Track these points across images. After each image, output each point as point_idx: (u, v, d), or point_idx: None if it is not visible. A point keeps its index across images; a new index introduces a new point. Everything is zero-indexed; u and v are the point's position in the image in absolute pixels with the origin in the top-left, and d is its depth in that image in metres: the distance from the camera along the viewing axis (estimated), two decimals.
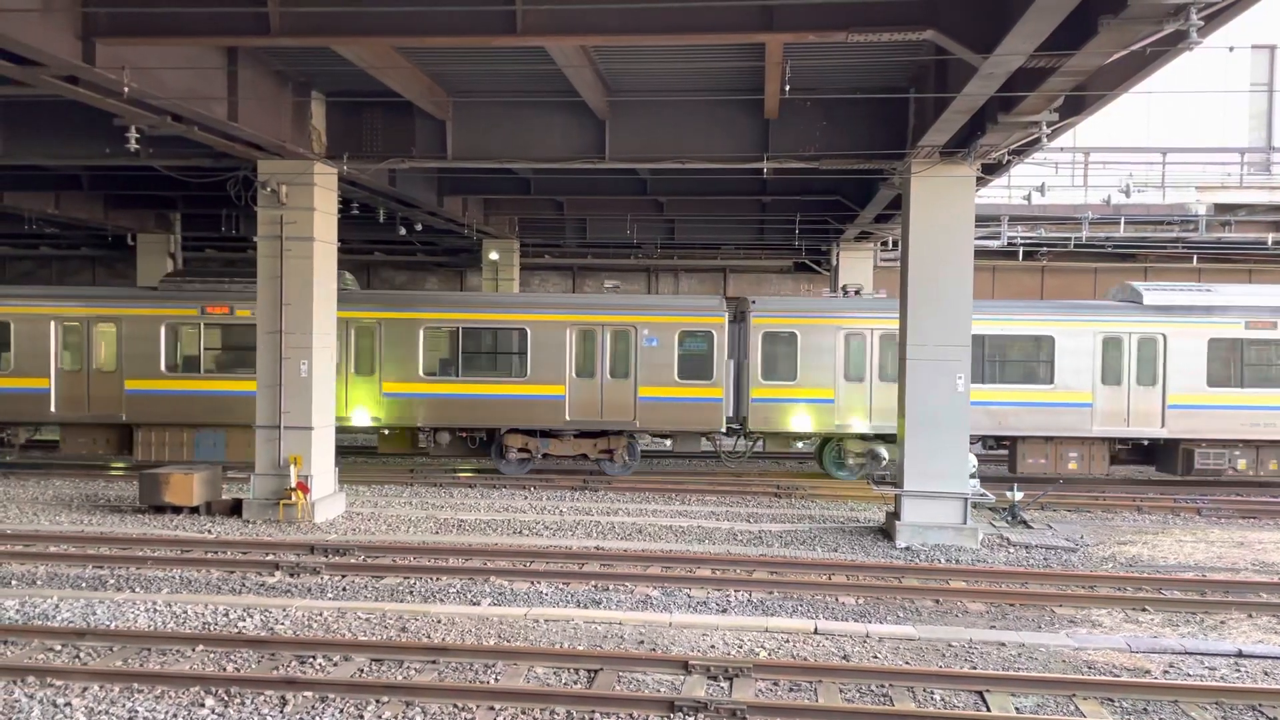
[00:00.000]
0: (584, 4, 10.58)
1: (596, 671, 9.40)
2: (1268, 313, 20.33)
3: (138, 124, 13.90)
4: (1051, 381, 20.19)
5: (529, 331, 20.75)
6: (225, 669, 9.43)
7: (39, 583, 12.65)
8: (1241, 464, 20.27)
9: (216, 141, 14.72)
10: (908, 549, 14.94)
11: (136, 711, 8.45)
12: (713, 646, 10.30)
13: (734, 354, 21.07)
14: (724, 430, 21.01)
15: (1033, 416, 20.19)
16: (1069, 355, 20.18)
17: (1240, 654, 10.27)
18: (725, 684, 9.17)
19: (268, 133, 14.53)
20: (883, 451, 20.60)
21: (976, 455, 18.42)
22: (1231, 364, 20.23)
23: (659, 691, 9.02)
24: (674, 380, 20.65)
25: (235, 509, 16.77)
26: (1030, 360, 20.40)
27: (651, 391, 20.50)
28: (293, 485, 16.25)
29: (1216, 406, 20.10)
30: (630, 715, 8.47)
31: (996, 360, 20.48)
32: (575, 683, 9.24)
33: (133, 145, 14.38)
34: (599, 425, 20.74)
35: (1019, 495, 17.22)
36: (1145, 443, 20.69)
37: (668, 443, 23.20)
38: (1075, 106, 12.56)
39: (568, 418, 20.60)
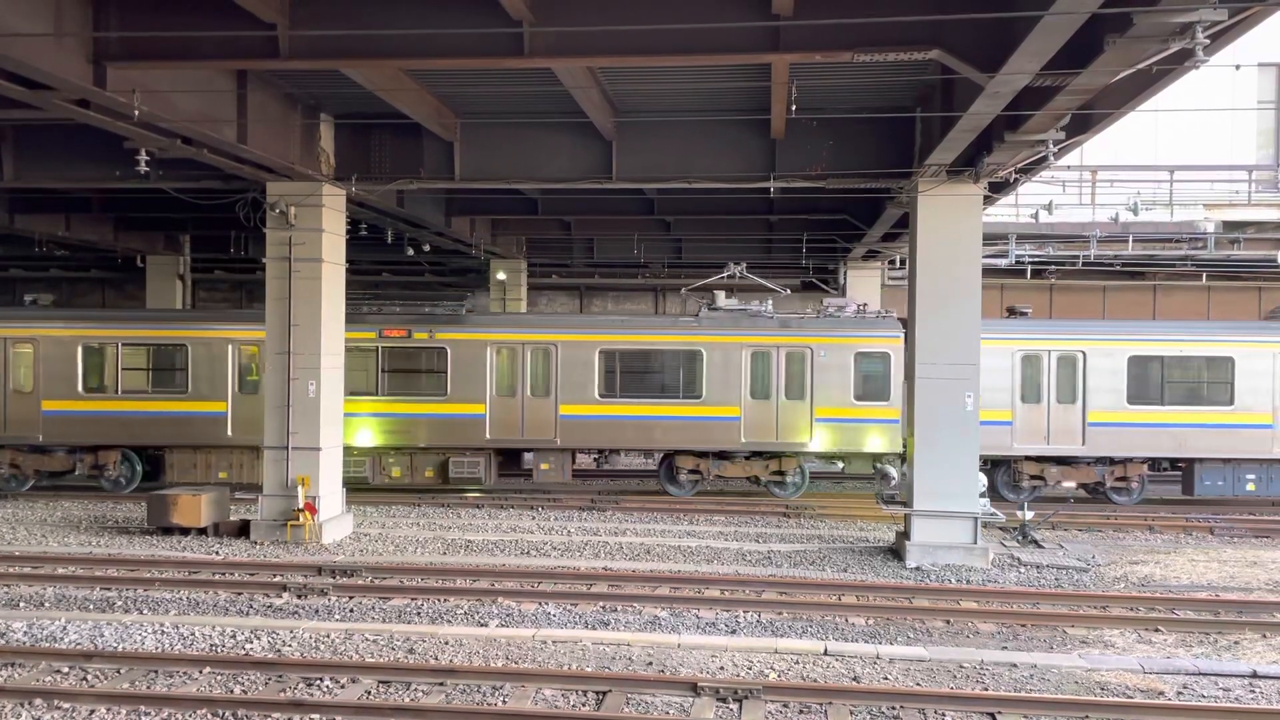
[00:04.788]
0: (591, 25, 10.63)
1: (605, 693, 9.34)
2: (400, 321, 20.89)
3: (148, 147, 14.01)
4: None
5: None
6: (233, 691, 9.39)
7: (47, 604, 12.64)
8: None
9: (226, 164, 14.80)
10: (918, 569, 14.85)
11: None
12: (722, 668, 10.23)
13: None
14: None
15: None
16: None
17: (1255, 675, 10.16)
18: (735, 706, 9.11)
19: (277, 155, 14.61)
20: (891, 470, 20.52)
21: None
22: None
23: (668, 714, 8.97)
24: None
25: (243, 530, 16.77)
26: None
27: None
28: (300, 506, 16.24)
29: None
30: None
31: None
32: (583, 705, 9.18)
33: (143, 168, 14.50)
34: None
35: (1030, 514, 17.13)
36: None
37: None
38: (1082, 125, 12.56)
39: None
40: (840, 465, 22.04)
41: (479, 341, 20.87)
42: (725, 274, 23.17)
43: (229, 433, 20.77)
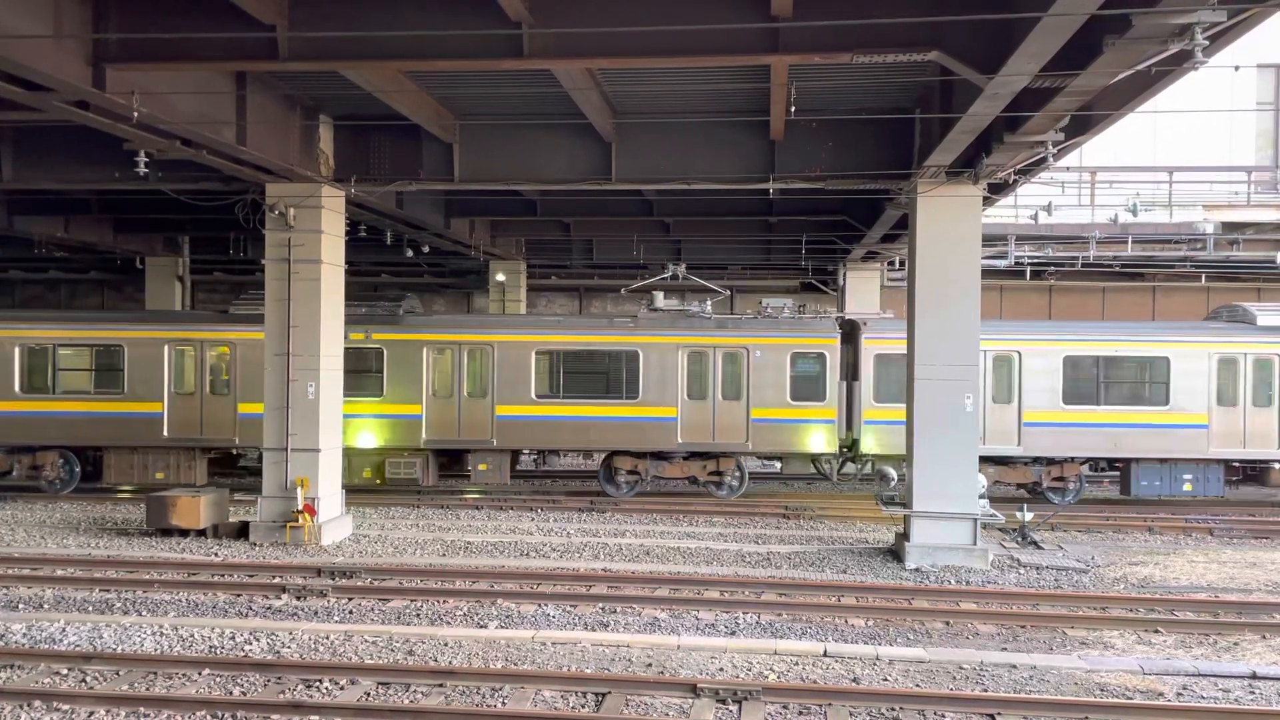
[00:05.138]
0: (590, 27, 10.64)
1: (604, 695, 9.34)
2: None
3: (147, 148, 14.00)
4: None
5: None
6: (232, 693, 9.39)
7: (46, 606, 12.63)
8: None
9: (225, 165, 14.81)
10: (917, 570, 14.85)
11: None
12: (721, 669, 10.22)
13: None
14: None
15: None
16: None
17: (1254, 676, 10.16)
18: (734, 707, 9.10)
19: (276, 156, 14.61)
20: (891, 471, 20.52)
21: None
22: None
23: (667, 715, 8.96)
24: None
25: (242, 531, 16.76)
26: None
27: None
28: (299, 508, 16.23)
29: None
30: None
31: None
32: (583, 706, 9.18)
33: (142, 169, 14.49)
34: None
35: (1029, 516, 17.12)
36: None
37: None
38: (1081, 126, 12.57)
39: None
40: (779, 465, 22.06)
41: (415, 342, 20.92)
42: (666, 274, 23.22)
43: (165, 433, 20.90)
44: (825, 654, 10.72)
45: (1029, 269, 27.10)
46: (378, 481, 20.97)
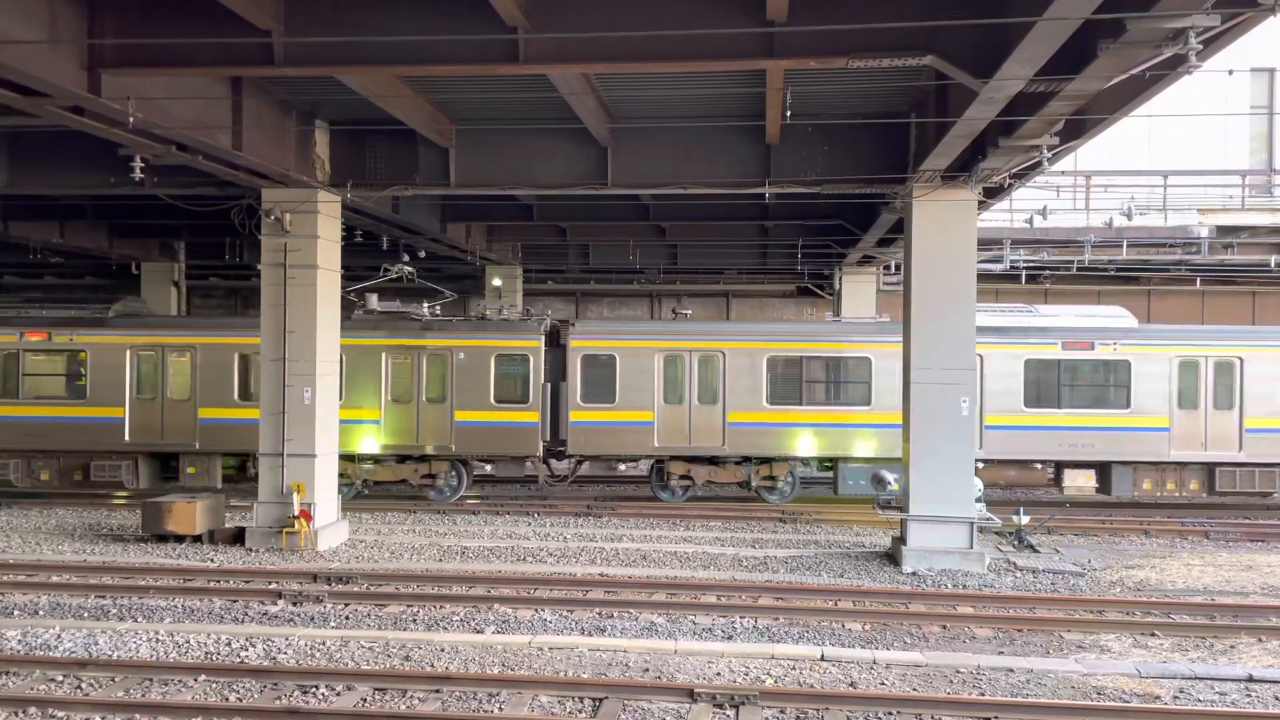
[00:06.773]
0: (586, 32, 10.65)
1: (601, 700, 9.32)
2: (41, 324, 21.32)
3: (143, 153, 13.99)
4: None
5: None
6: (228, 699, 9.36)
7: (41, 613, 12.59)
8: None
9: (221, 170, 14.80)
10: (914, 574, 14.85)
11: None
12: (718, 674, 10.22)
13: None
14: None
15: None
16: None
17: (1251, 679, 10.17)
18: (731, 712, 9.10)
19: (272, 161, 14.61)
20: (887, 475, 20.52)
21: None
22: None
23: None
24: None
25: (238, 537, 16.72)
26: None
27: None
28: (296, 513, 16.20)
29: None
30: None
31: None
32: (580, 712, 9.17)
33: (137, 175, 14.48)
34: None
35: (1025, 519, 17.14)
36: None
37: None
38: (1076, 130, 12.59)
39: None
40: (489, 468, 22.03)
41: (119, 345, 20.93)
42: (391, 275, 23.13)
43: None
44: (822, 658, 10.72)
45: (1024, 273, 27.15)
46: (88, 484, 20.96)
